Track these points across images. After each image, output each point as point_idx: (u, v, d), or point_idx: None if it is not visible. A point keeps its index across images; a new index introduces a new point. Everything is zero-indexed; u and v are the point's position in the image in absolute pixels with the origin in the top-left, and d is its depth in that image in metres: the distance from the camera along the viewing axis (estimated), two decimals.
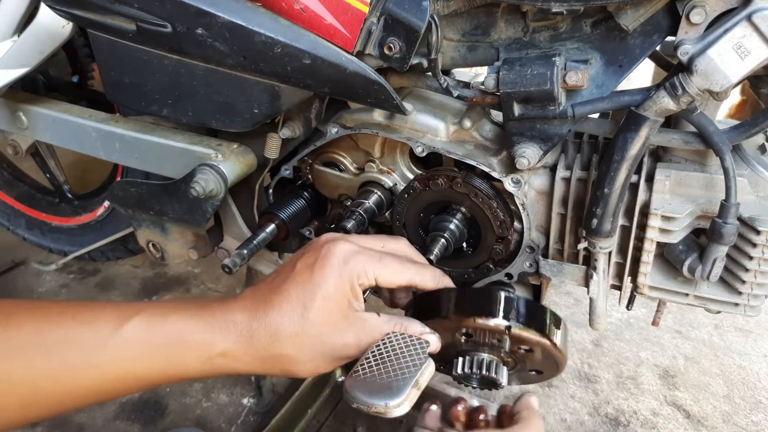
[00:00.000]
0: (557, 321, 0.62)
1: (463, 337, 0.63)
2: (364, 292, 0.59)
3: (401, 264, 0.59)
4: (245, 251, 0.83)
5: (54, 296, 1.75)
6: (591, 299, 0.81)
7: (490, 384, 0.65)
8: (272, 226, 0.89)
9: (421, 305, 0.65)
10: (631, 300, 0.85)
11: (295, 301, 0.54)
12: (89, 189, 1.45)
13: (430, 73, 0.79)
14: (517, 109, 0.71)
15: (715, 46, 0.59)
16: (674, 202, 0.72)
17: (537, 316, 0.59)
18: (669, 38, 0.65)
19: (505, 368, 0.64)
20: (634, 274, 0.79)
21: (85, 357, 0.50)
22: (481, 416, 0.72)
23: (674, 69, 0.64)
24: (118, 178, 1.28)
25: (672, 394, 1.42)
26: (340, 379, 1.34)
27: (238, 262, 0.81)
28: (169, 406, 1.38)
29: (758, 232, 0.67)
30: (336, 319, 0.55)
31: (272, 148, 0.88)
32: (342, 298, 0.55)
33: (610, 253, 0.78)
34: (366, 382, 0.55)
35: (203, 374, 0.55)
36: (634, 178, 0.73)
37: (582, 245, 0.77)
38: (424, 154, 0.81)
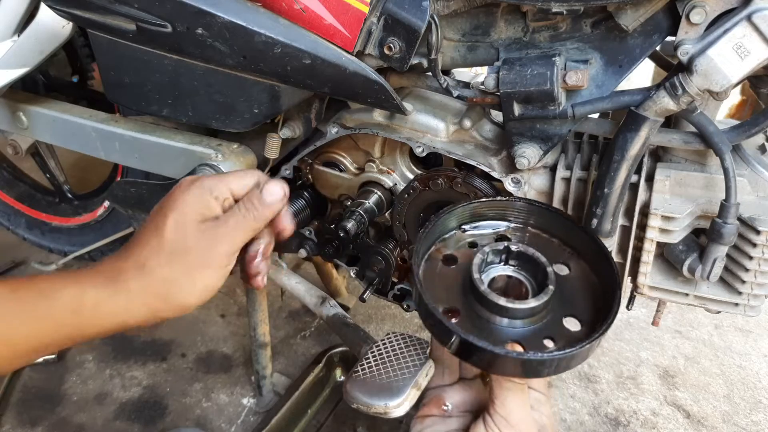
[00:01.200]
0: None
1: None
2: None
3: (244, 172, 0.62)
4: None
5: None
6: None
7: None
8: None
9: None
10: (631, 300, 0.85)
11: (152, 231, 0.55)
12: (89, 189, 1.45)
13: (430, 73, 0.79)
14: (517, 109, 0.71)
15: (715, 46, 0.59)
16: (674, 202, 0.72)
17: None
18: (669, 38, 0.65)
19: None
20: (634, 274, 0.79)
21: None
22: None
23: (674, 69, 0.64)
24: (118, 178, 1.28)
25: (672, 394, 1.42)
26: (340, 380, 1.35)
27: None
28: (169, 406, 1.38)
29: (758, 232, 0.67)
30: (193, 230, 0.55)
31: (272, 148, 0.88)
32: (195, 212, 0.56)
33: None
34: (366, 382, 0.55)
35: (81, 331, 0.53)
36: (634, 178, 0.73)
37: None
38: (424, 154, 0.81)
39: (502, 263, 0.62)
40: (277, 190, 0.58)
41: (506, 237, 0.67)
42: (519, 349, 0.53)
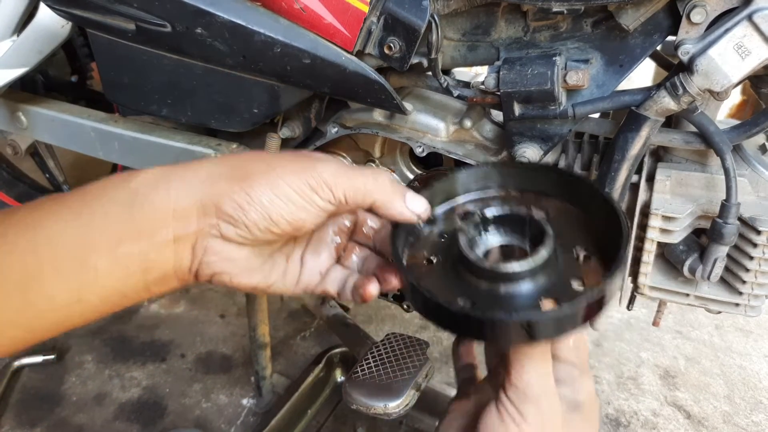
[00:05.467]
0: None
1: None
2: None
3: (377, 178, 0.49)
4: None
5: None
6: None
7: None
8: None
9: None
10: (631, 300, 0.85)
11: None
12: None
13: (430, 73, 0.79)
14: (517, 109, 0.71)
15: (715, 46, 0.59)
16: (675, 202, 0.71)
17: None
18: (670, 38, 0.65)
19: None
20: (635, 274, 0.79)
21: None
22: None
23: (675, 69, 0.64)
24: None
25: (672, 394, 1.42)
26: (340, 380, 1.34)
27: None
28: (169, 407, 1.38)
29: (759, 232, 0.67)
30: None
31: (272, 148, 0.88)
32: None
33: None
34: (365, 383, 0.55)
35: (132, 219, 0.43)
36: (634, 178, 0.73)
37: None
38: (424, 154, 0.80)
39: (485, 236, 0.53)
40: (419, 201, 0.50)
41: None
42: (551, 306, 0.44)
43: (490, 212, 0.53)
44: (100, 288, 0.43)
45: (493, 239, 0.53)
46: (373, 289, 0.51)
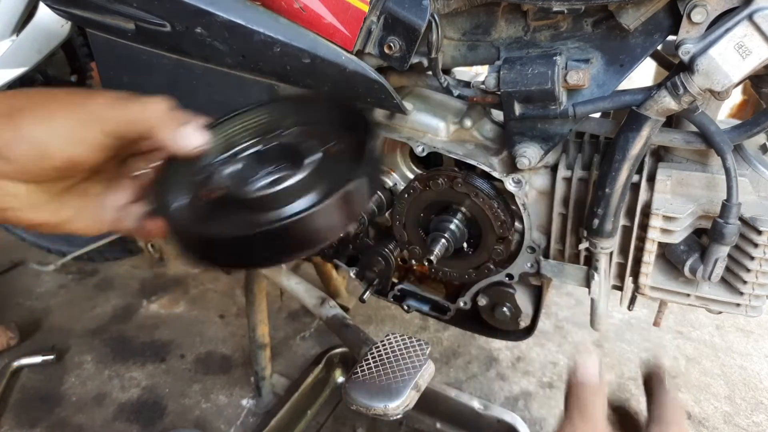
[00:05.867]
0: None
1: None
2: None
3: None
4: None
5: (52, 297, 1.75)
6: (592, 300, 0.80)
7: None
8: None
9: None
10: (632, 300, 0.85)
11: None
12: None
13: (430, 73, 0.79)
14: (518, 109, 0.71)
15: (716, 46, 0.59)
16: (676, 202, 0.71)
17: None
18: (670, 37, 0.65)
19: None
20: (636, 274, 0.79)
21: None
22: None
23: (675, 68, 0.64)
24: None
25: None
26: (339, 381, 1.34)
27: None
28: (168, 407, 1.38)
29: (760, 232, 0.67)
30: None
31: None
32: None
33: (611, 253, 0.78)
34: (365, 384, 0.55)
35: None
36: (635, 178, 0.72)
37: (583, 245, 0.77)
38: (424, 154, 0.80)
39: (265, 175, 0.53)
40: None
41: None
42: None
43: (268, 147, 0.55)
44: None
45: (269, 175, 0.53)
46: (152, 225, 0.51)
